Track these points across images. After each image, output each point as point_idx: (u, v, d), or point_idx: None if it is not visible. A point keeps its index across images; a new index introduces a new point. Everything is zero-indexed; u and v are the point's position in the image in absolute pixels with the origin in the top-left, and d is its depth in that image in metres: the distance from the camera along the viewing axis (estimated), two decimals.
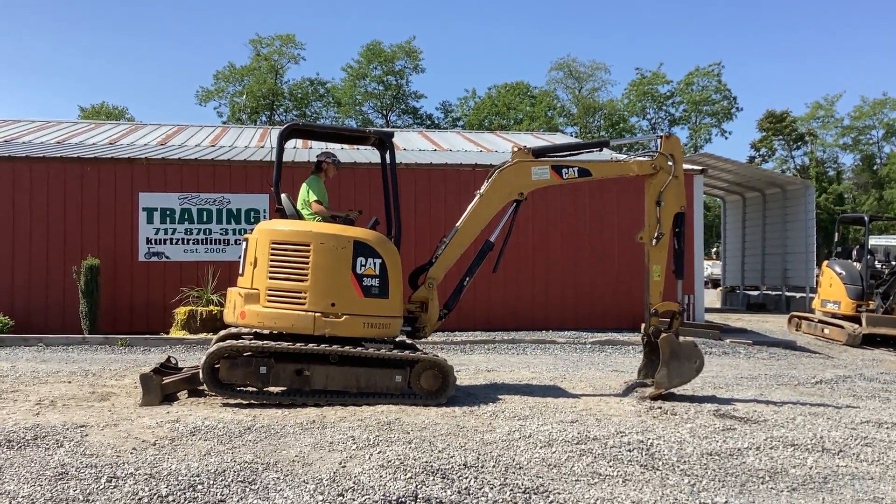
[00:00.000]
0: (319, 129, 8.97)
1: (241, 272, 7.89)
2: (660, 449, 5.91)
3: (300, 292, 7.51)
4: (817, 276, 19.31)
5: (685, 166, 17.36)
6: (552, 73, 61.79)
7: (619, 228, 16.24)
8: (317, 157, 8.75)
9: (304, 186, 8.37)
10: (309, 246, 7.54)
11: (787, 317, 18.89)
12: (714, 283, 33.93)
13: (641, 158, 8.76)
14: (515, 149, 8.66)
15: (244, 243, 7.96)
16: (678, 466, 5.51)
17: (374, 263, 7.66)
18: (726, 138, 61.34)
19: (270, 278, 7.55)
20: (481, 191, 8.47)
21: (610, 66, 76.77)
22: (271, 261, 7.56)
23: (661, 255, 8.52)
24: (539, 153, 8.61)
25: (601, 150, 9.28)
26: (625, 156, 9.34)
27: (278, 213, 8.17)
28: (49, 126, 22.31)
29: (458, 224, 8.42)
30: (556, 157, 8.68)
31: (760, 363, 11.97)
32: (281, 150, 7.99)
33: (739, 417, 7.25)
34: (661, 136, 8.71)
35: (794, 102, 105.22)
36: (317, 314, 7.50)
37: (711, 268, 35.62)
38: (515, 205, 8.57)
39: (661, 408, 7.53)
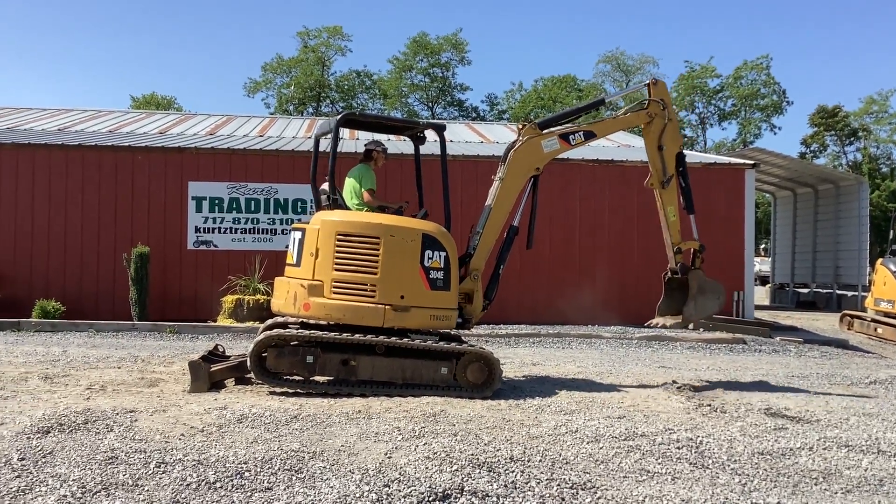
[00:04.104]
0: (374, 119, 8.96)
1: (294, 262, 7.82)
2: (709, 447, 5.80)
3: (370, 285, 7.50)
4: (870, 274, 18.88)
5: (734, 160, 17.18)
6: (600, 65, 61.37)
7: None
8: (365, 145, 8.72)
9: (353, 175, 8.32)
10: (379, 238, 7.52)
11: (839, 315, 18.46)
12: (763, 280, 33.35)
13: (636, 110, 9.10)
14: (520, 125, 8.69)
15: (297, 233, 7.89)
16: (728, 465, 5.39)
17: (440, 256, 7.72)
18: (776, 133, 60.52)
19: (336, 270, 7.48)
20: (500, 175, 8.46)
21: (659, 59, 75.74)
22: (337, 252, 7.49)
23: (672, 196, 9.06)
24: (544, 125, 8.72)
25: (598, 110, 9.52)
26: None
27: (331, 202, 8.02)
28: (101, 115, 22.73)
29: (485, 212, 8.39)
30: (562, 125, 8.85)
31: (812, 362, 11.72)
32: (337, 138, 7.92)
33: (791, 417, 7.08)
34: (647, 84, 9.16)
35: (847, 97, 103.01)
36: (387, 307, 7.51)
37: (760, 264, 35.02)
38: (533, 181, 8.61)
39: (710, 405, 7.40)
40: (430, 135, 8.75)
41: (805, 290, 25.77)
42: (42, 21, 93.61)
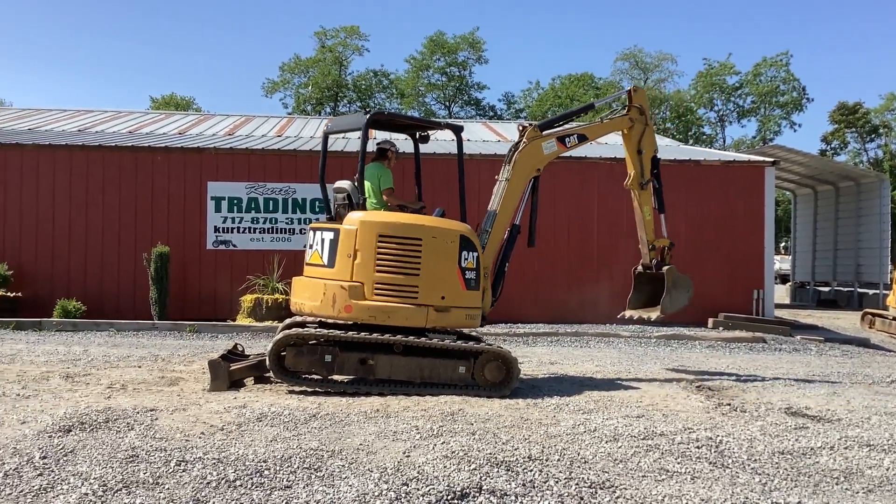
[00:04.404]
0: (400, 119, 8.97)
1: (325, 263, 7.70)
2: (729, 446, 5.76)
3: (412, 286, 7.54)
4: (892, 272, 18.69)
5: (754, 158, 17.06)
6: (617, 63, 60.98)
7: (686, 221, 15.94)
8: (379, 144, 8.72)
9: (369, 174, 8.29)
10: (421, 240, 7.57)
11: (860, 314, 18.31)
12: (783, 278, 33.11)
13: (620, 116, 9.47)
14: (520, 128, 8.80)
15: (326, 233, 7.77)
16: (748, 465, 5.36)
17: (473, 257, 7.85)
18: (795, 131, 59.94)
19: (378, 271, 7.48)
20: (506, 176, 8.53)
21: (677, 56, 75.28)
22: (379, 254, 7.48)
23: (648, 197, 9.51)
24: (544, 127, 8.91)
25: (588, 113, 9.83)
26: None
27: (361, 203, 7.92)
28: (121, 116, 22.91)
29: (492, 211, 8.45)
30: (558, 128, 9.06)
31: (832, 360, 11.62)
32: (366, 138, 7.90)
33: (812, 416, 7.03)
34: (628, 91, 9.56)
35: (868, 93, 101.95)
36: (430, 308, 7.59)
37: (780, 263, 34.75)
38: (533, 181, 8.72)
39: (730, 404, 7.36)
40: (444, 134, 8.76)
41: (826, 289, 25.55)
42: (63, 23, 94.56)
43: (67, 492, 4.40)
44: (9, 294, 14.15)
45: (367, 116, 7.93)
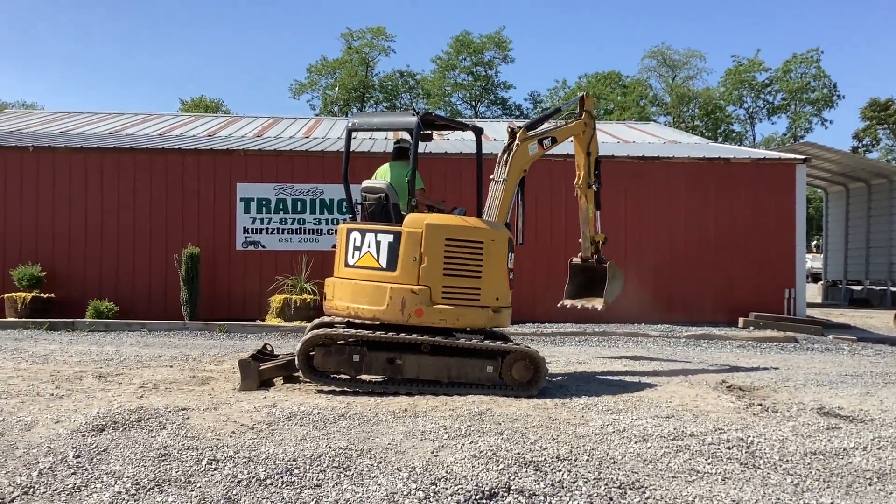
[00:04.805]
0: (440, 121, 8.99)
1: (383, 266, 7.58)
2: (761, 447, 5.71)
3: (476, 288, 7.64)
4: None
5: (785, 155, 16.88)
6: (645, 61, 60.57)
7: (716, 220, 15.82)
8: (397, 143, 8.73)
9: (399, 173, 8.28)
10: (482, 242, 7.68)
11: (893, 313, 18.02)
12: (815, 277, 32.70)
13: (576, 121, 9.86)
14: (510, 129, 8.87)
15: (385, 235, 7.63)
16: (780, 465, 5.31)
17: (512, 258, 8.06)
18: (827, 128, 59.12)
19: (446, 275, 7.52)
20: (504, 177, 8.56)
21: (706, 53, 74.61)
22: (447, 257, 7.53)
23: (592, 196, 10.00)
24: (530, 128, 9.13)
25: (556, 116, 10.09)
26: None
27: (385, 202, 7.89)
28: (151, 119, 23.15)
29: (489, 213, 8.46)
30: (539, 130, 9.24)
31: (865, 360, 11.46)
32: (418, 138, 7.85)
33: (844, 416, 6.94)
34: (581, 98, 9.96)
35: None
36: (488, 309, 7.73)
37: (812, 261, 34.30)
38: (520, 182, 8.81)
39: (761, 404, 7.29)
40: (465, 134, 8.75)
41: (858, 288, 25.19)
42: (93, 28, 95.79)
43: (101, 490, 4.47)
44: (42, 295, 14.36)
45: (418, 116, 7.87)
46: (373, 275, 7.66)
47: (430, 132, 8.78)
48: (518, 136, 8.67)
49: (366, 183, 8.30)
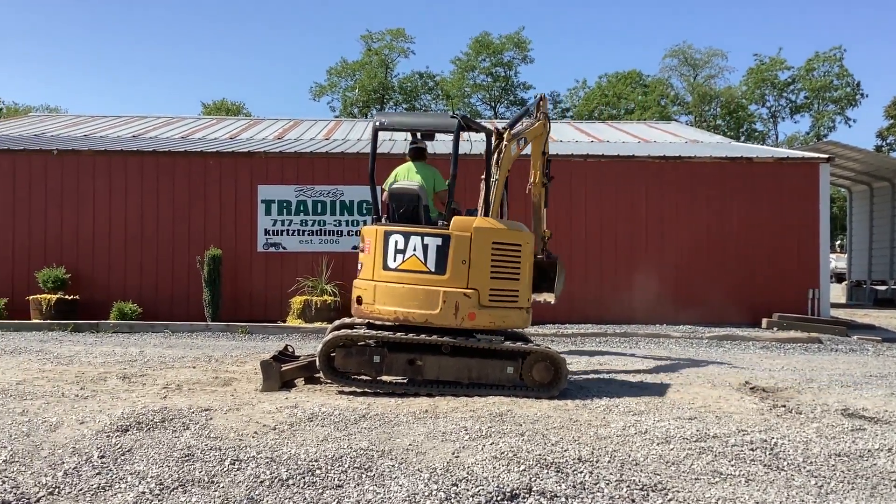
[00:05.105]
0: (474, 125, 9.01)
1: (432, 269, 7.51)
2: (784, 449, 5.66)
3: (515, 290, 7.79)
4: None
5: (808, 154, 16.73)
6: (666, 60, 60.29)
7: (739, 220, 15.71)
8: (415, 144, 8.66)
9: (426, 174, 8.29)
10: (520, 245, 7.82)
11: None
12: (838, 277, 32.37)
13: (538, 122, 9.85)
14: (495, 129, 8.78)
15: (433, 239, 7.55)
16: (804, 467, 5.26)
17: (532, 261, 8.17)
18: (850, 126, 58.46)
19: (493, 278, 7.60)
20: (496, 177, 8.48)
21: (727, 52, 74.05)
22: (493, 261, 7.60)
23: (543, 192, 10.21)
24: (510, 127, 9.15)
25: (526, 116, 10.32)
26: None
27: (416, 205, 7.84)
28: (174, 122, 23.34)
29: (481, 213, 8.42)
30: (517, 132, 9.17)
31: (890, 361, 11.33)
32: (458, 140, 7.92)
33: (869, 417, 6.86)
34: (539, 99, 10.10)
35: None
36: (524, 310, 7.92)
37: (836, 261, 33.96)
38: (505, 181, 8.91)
39: (785, 406, 7.22)
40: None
41: (883, 288, 24.89)
42: (117, 31, 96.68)
43: (125, 490, 4.51)
44: (67, 297, 14.51)
45: (457, 119, 7.90)
46: (421, 278, 7.56)
47: (393, 130, 8.74)
48: (505, 136, 8.64)
49: (399, 184, 8.15)
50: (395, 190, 8.10)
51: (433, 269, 7.54)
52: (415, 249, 7.62)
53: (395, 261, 7.66)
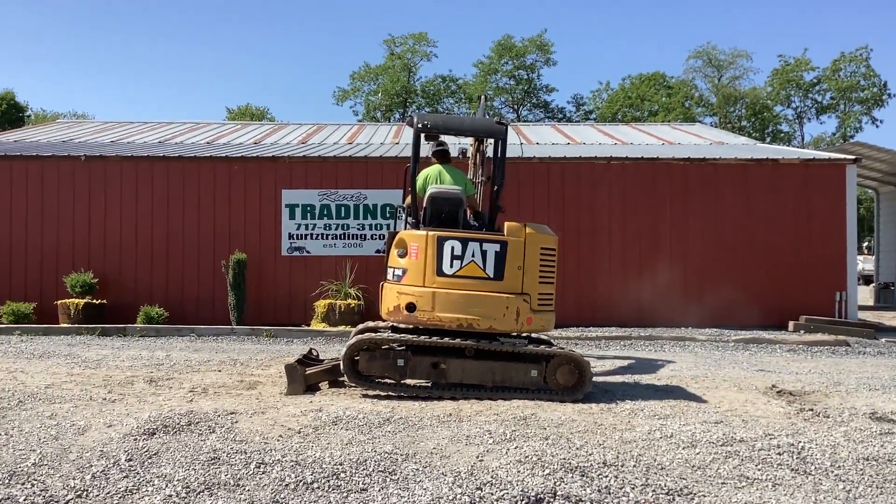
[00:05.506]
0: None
1: (490, 275, 7.54)
2: (812, 453, 5.60)
3: (552, 294, 7.96)
4: None
5: (834, 155, 16.56)
6: (690, 61, 59.84)
7: (765, 221, 15.57)
8: (440, 146, 8.59)
9: (457, 177, 8.25)
10: (556, 250, 7.99)
11: None
12: (866, 279, 31.96)
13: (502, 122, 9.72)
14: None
15: (491, 245, 7.57)
16: (832, 471, 5.20)
17: None
18: (878, 127, 57.73)
19: (541, 283, 7.74)
20: (482, 178, 8.65)
21: (752, 52, 73.39)
22: (542, 266, 7.74)
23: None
24: None
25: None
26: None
27: (457, 208, 7.82)
28: (199, 127, 23.53)
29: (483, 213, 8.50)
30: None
31: None
32: (505, 145, 7.97)
33: None
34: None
35: None
36: (555, 313, 8.05)
37: (863, 263, 33.53)
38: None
39: (812, 409, 7.15)
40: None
41: None
42: (145, 38, 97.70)
43: (152, 493, 4.55)
44: (94, 301, 14.67)
45: (503, 123, 8.04)
46: (481, 285, 7.56)
47: (437, 133, 8.60)
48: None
49: (440, 188, 8.01)
50: (437, 194, 7.93)
51: (492, 276, 7.58)
52: (473, 255, 7.60)
53: (451, 267, 7.58)
